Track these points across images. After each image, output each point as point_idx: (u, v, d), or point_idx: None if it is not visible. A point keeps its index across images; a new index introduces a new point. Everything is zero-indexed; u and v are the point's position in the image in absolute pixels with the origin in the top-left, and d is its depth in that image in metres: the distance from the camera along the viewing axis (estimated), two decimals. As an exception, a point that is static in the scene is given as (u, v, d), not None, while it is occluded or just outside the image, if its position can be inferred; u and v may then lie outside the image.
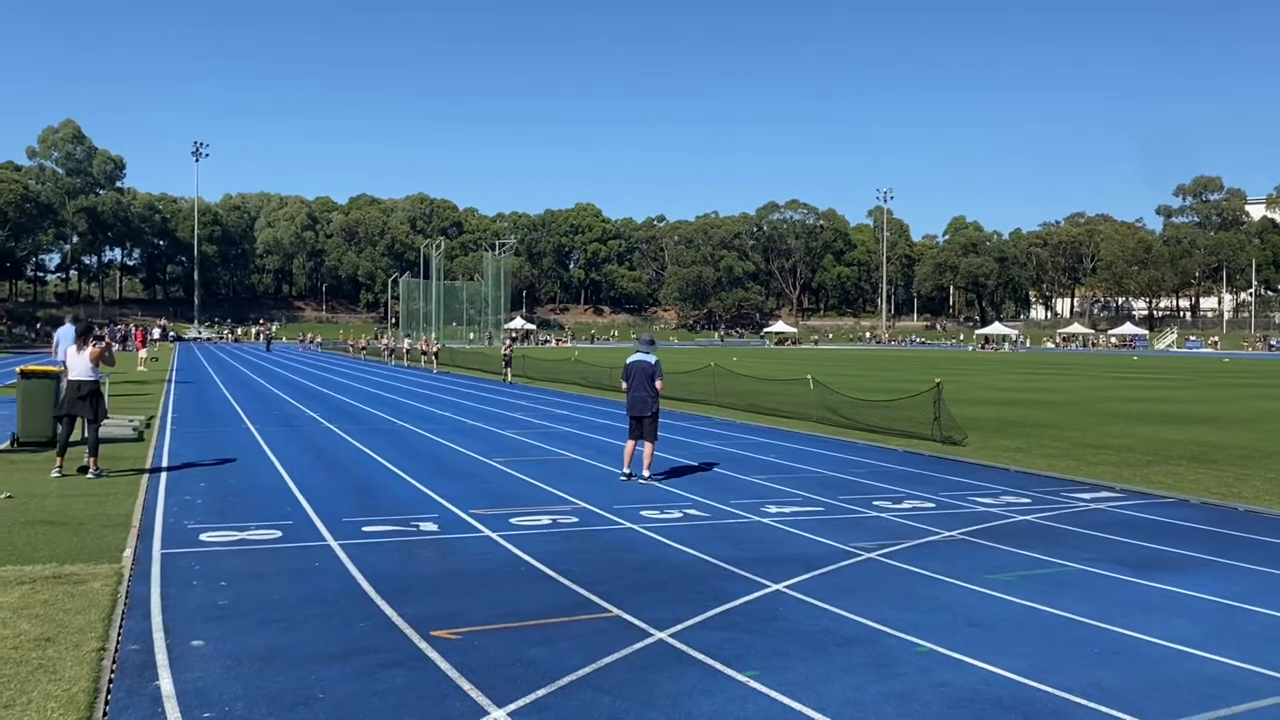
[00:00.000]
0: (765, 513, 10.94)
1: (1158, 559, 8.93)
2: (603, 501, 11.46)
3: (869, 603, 7.31)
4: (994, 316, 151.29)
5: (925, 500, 11.90)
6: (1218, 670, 5.96)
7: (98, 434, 13.02)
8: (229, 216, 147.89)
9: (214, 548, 8.90)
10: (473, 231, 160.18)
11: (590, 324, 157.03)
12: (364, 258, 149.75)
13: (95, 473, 12.73)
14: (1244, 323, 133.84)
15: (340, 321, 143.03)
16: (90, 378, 12.84)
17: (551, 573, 8.10)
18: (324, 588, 7.57)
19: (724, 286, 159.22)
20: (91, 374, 12.85)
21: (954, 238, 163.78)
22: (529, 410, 24.57)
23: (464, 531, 9.76)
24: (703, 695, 5.42)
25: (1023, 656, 6.12)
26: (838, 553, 9.00)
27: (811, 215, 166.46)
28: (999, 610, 7.19)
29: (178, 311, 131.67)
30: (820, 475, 13.84)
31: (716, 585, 7.80)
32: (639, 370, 13.19)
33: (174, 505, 10.97)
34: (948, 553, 9.06)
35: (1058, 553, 9.08)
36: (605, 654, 6.05)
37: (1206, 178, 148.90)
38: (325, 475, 13.45)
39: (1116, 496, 12.37)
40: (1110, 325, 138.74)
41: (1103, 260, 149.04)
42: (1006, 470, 14.49)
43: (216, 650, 6.05)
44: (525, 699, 5.30)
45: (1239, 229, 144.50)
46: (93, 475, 12.67)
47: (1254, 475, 14.10)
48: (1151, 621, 6.93)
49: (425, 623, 6.63)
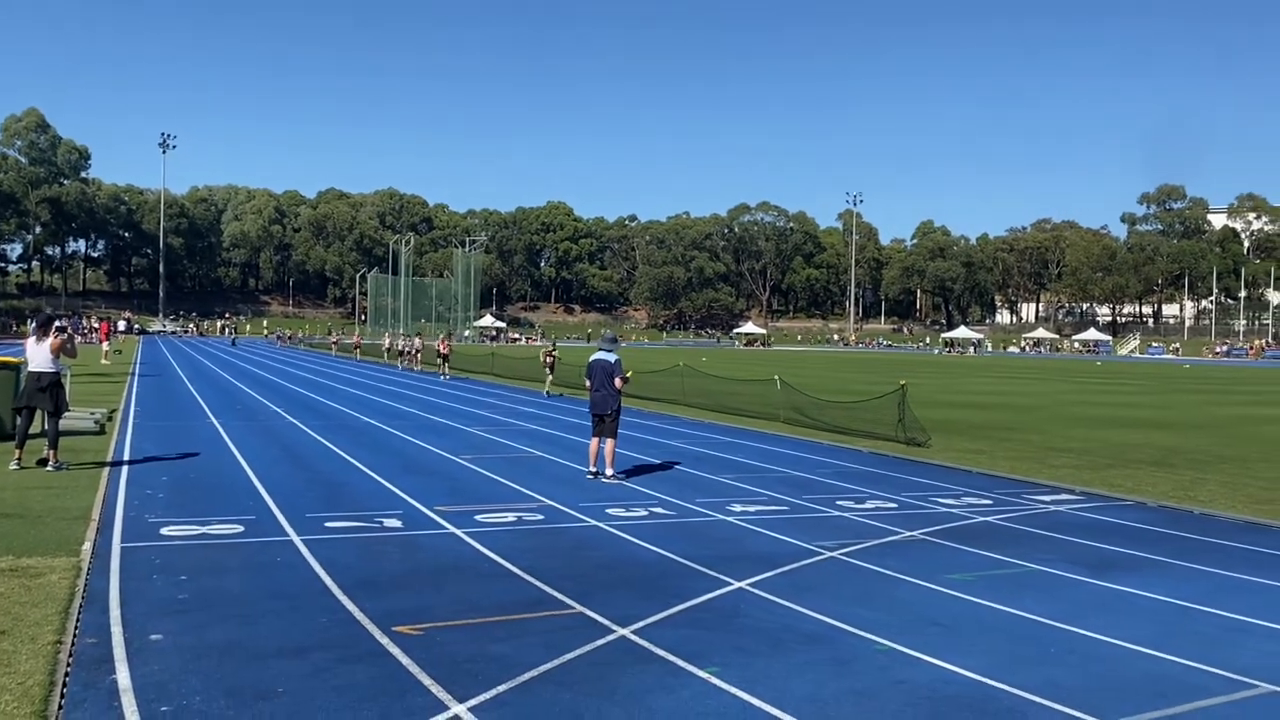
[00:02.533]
0: (730, 511, 11.00)
1: (1115, 560, 9.07)
2: (569, 499, 11.46)
3: (830, 601, 7.37)
4: (960, 320, 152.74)
5: (888, 500, 12.00)
6: (1170, 669, 6.07)
7: (58, 426, 12.87)
8: (196, 209, 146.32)
9: (175, 542, 8.83)
10: (443, 228, 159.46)
11: (561, 323, 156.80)
12: (332, 252, 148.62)
13: (55, 465, 12.58)
14: (1205, 329, 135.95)
15: (307, 316, 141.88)
16: (50, 369, 12.68)
17: (515, 569, 8.10)
18: (285, 582, 7.52)
19: (694, 287, 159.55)
20: (52, 366, 12.69)
21: (922, 242, 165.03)
22: (494, 408, 24.51)
23: (429, 528, 9.73)
24: (664, 692, 5.44)
25: (980, 655, 6.20)
26: (800, 551, 9.07)
27: (782, 218, 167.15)
28: (958, 609, 7.28)
29: (142, 304, 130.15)
30: (785, 475, 13.92)
31: (680, 583, 7.83)
32: (600, 368, 13.23)
33: (135, 499, 10.86)
34: (909, 552, 9.15)
35: (1017, 553, 9.19)
36: (567, 650, 6.06)
37: (1170, 186, 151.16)
38: (289, 470, 13.36)
39: (1076, 499, 12.54)
40: (1074, 330, 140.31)
41: (1068, 266, 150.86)
42: (969, 472, 14.64)
43: (175, 644, 6.00)
44: (486, 694, 5.30)
45: (1201, 237, 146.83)
46: (52, 468, 12.51)
47: (1210, 479, 14.34)
48: (1107, 621, 7.04)
49: (387, 618, 6.61)
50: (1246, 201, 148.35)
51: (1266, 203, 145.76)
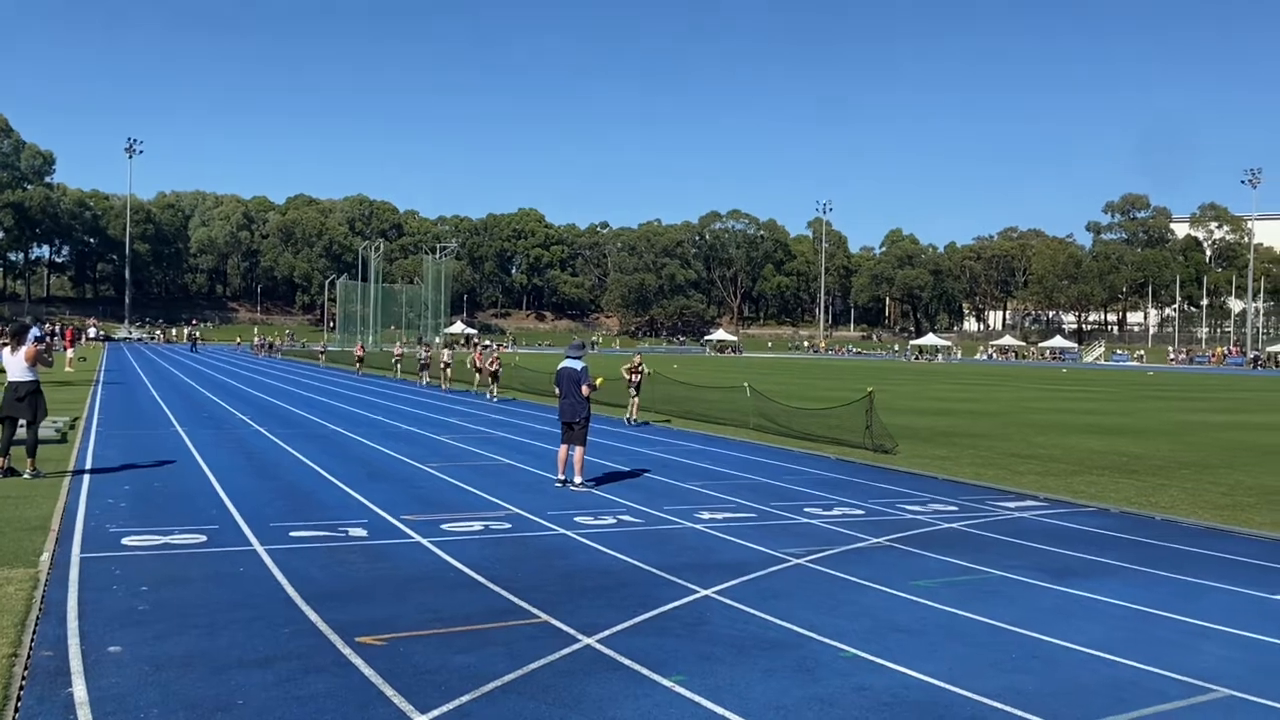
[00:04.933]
0: (698, 519, 11.01)
1: (1077, 566, 9.16)
2: (536, 507, 11.43)
3: (795, 608, 7.39)
4: (928, 327, 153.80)
5: (855, 507, 12.06)
6: (1129, 674, 6.13)
7: (37, 435, 12.88)
8: (162, 215, 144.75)
9: (136, 552, 8.72)
10: (413, 234, 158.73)
11: (532, 329, 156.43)
12: (301, 259, 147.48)
13: (33, 473, 12.57)
14: (1168, 337, 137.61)
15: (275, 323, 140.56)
16: (28, 378, 12.66)
17: (481, 579, 8.06)
18: (248, 593, 7.45)
19: (666, 294, 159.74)
20: (29, 374, 12.68)
21: (890, 250, 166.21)
22: (463, 415, 24.41)
23: (394, 537, 9.67)
24: (628, 700, 5.44)
25: (943, 661, 6.24)
26: (767, 558, 9.09)
27: (753, 225, 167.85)
28: (922, 616, 7.32)
29: (108, 310, 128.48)
30: (754, 482, 13.96)
31: (646, 591, 7.83)
32: (567, 376, 13.21)
33: (95, 508, 10.71)
34: (874, 559, 9.20)
35: (981, 560, 9.27)
36: (532, 660, 6.04)
37: (1134, 195, 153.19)
38: (254, 479, 13.23)
39: (1040, 505, 12.65)
40: (1041, 338, 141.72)
41: (1034, 274, 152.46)
42: (935, 479, 14.75)
43: (134, 656, 5.93)
44: (449, 705, 5.27)
45: (1164, 246, 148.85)
46: (30, 475, 12.50)
47: (1172, 485, 14.52)
48: (1068, 627, 7.11)
49: (350, 629, 6.56)
50: (1208, 211, 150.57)
51: (1228, 212, 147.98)
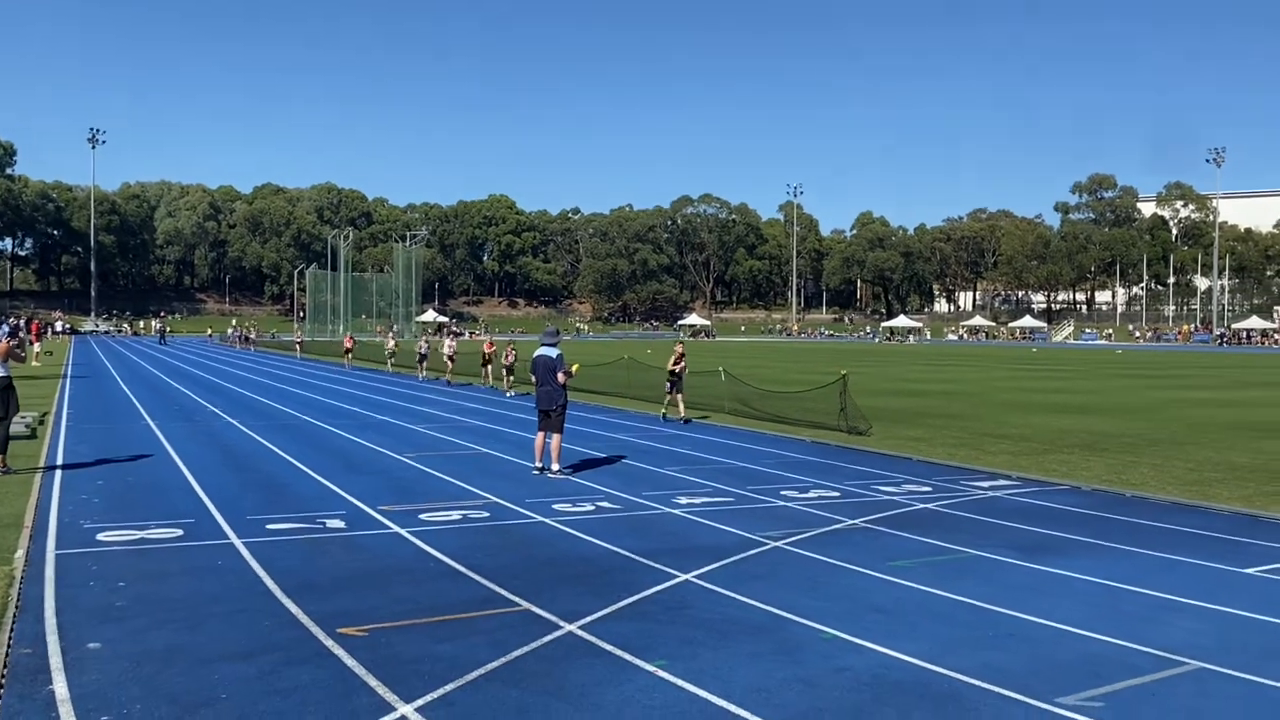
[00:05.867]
0: (676, 504, 11.06)
1: (1049, 544, 9.29)
2: (515, 496, 11.44)
3: (775, 591, 7.46)
4: (899, 309, 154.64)
5: (831, 489, 12.16)
6: (1102, 649, 6.25)
7: (8, 431, 12.79)
8: (127, 206, 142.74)
9: (112, 547, 8.66)
10: (382, 222, 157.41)
11: (505, 317, 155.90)
12: (269, 248, 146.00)
13: (4, 470, 12.51)
14: (1136, 315, 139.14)
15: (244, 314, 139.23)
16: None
17: (461, 568, 8.08)
18: (227, 586, 7.43)
19: (638, 279, 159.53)
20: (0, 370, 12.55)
21: (861, 232, 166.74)
22: (438, 404, 24.34)
23: (372, 528, 9.66)
24: (611, 686, 5.48)
25: (922, 640, 6.33)
26: (745, 542, 9.16)
27: (724, 209, 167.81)
28: (899, 596, 7.41)
29: (74, 303, 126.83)
30: (730, 466, 14.03)
31: (627, 577, 7.87)
32: (543, 364, 13.21)
33: (69, 504, 10.63)
34: (851, 540, 9.29)
35: (956, 539, 9.38)
36: (515, 648, 6.07)
37: (1101, 175, 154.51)
38: (229, 472, 13.16)
39: (1013, 484, 12.81)
40: (1010, 318, 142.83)
41: (1003, 255, 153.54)
42: (909, 460, 14.88)
43: (114, 652, 5.91)
44: (433, 694, 5.29)
45: (1131, 225, 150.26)
46: (0, 472, 12.42)
47: (1141, 462, 14.74)
48: (1042, 604, 7.22)
49: (331, 620, 6.56)
50: (1174, 190, 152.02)
51: (1193, 190, 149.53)
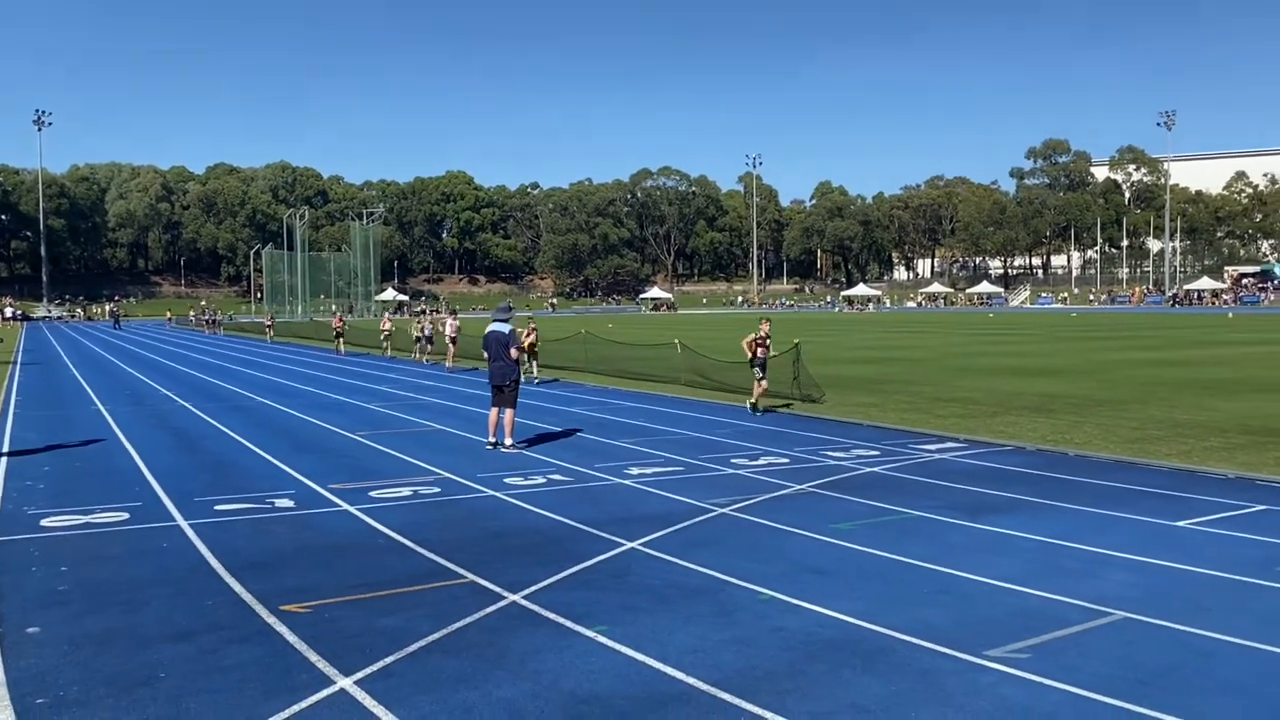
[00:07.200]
0: (627, 475, 11.15)
1: (991, 503, 9.48)
2: (466, 471, 11.47)
3: (718, 555, 7.57)
4: (859, 278, 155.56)
5: (781, 456, 12.30)
6: (1035, 604, 6.41)
7: None
8: (77, 188, 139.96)
9: (55, 532, 8.60)
10: (339, 200, 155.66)
11: (465, 294, 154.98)
12: (224, 229, 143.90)
13: None
14: (1091, 279, 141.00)
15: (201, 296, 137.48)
16: None
17: (409, 543, 8.11)
18: (171, 568, 7.41)
19: (600, 254, 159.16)
20: None
21: (820, 202, 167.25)
22: (394, 383, 24.26)
23: (321, 506, 9.65)
24: (551, 652, 5.56)
25: (857, 599, 6.46)
26: (693, 509, 9.27)
27: (684, 182, 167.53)
28: (839, 557, 7.55)
29: (25, 289, 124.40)
30: (684, 437, 14.13)
31: (573, 547, 7.95)
32: (495, 339, 13.21)
33: (13, 490, 10.52)
34: (797, 505, 9.42)
35: (899, 501, 9.54)
36: (457, 619, 6.13)
37: (1055, 141, 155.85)
38: (179, 455, 13.06)
39: (960, 446, 13.02)
40: (968, 284, 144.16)
41: (961, 222, 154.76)
42: (860, 425, 15.07)
43: (53, 635, 5.89)
44: (373, 667, 5.34)
45: (1085, 190, 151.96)
46: None
47: (1087, 422, 15.02)
48: (979, 561, 7.39)
49: (275, 598, 6.58)
50: (1127, 154, 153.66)
51: (1145, 154, 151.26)
